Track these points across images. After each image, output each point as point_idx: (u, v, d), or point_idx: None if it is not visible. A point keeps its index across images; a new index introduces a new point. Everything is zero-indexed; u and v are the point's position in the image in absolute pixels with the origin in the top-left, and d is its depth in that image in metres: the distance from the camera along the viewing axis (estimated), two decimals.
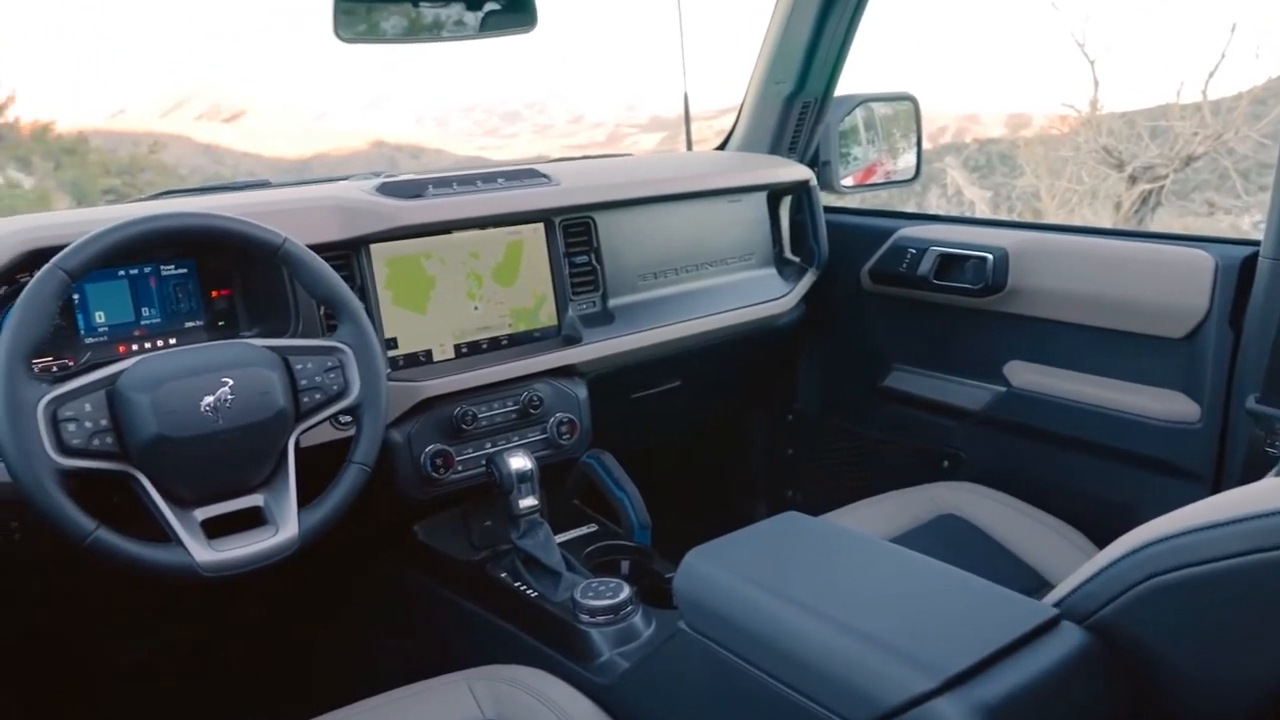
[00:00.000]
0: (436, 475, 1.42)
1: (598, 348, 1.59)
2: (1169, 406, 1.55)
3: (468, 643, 1.45)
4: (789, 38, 1.87)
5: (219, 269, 1.33)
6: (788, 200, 1.96)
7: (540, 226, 1.56)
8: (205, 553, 1.06)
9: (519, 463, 1.41)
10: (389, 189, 1.45)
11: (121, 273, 1.26)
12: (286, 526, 1.12)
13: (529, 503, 1.41)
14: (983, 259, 1.73)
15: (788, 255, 1.96)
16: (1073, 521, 1.58)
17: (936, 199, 7.58)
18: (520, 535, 1.40)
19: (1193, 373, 1.53)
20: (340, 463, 1.18)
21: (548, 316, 1.57)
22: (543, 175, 1.59)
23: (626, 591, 1.29)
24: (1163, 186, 6.74)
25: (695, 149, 2.10)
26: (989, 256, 1.72)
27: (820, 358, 2.10)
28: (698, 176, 1.81)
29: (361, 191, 1.44)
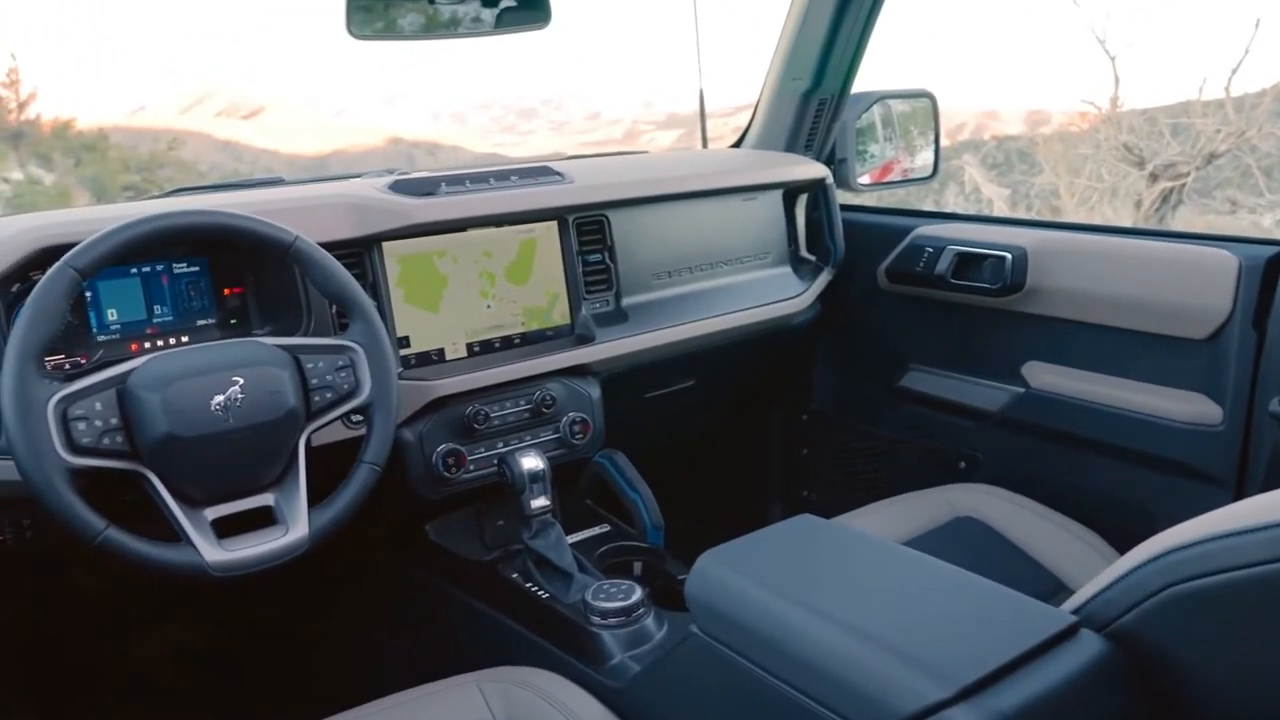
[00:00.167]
0: (448, 475, 1.41)
1: (611, 347, 1.58)
2: (1190, 409, 1.53)
3: (478, 644, 1.44)
4: (805, 34, 1.85)
5: (231, 267, 1.32)
6: (803, 198, 1.95)
7: (554, 225, 1.55)
8: (215, 552, 1.06)
9: (531, 463, 1.41)
10: (402, 187, 1.45)
11: (134, 270, 1.26)
12: (297, 526, 1.11)
13: (541, 503, 1.40)
14: (1001, 258, 1.71)
15: (803, 254, 1.94)
16: (1091, 525, 1.56)
17: (954, 197, 7.54)
18: (532, 536, 1.39)
19: (1215, 374, 1.50)
20: (351, 462, 1.18)
21: (561, 315, 1.56)
22: (556, 173, 1.58)
23: (638, 594, 1.28)
24: (1184, 184, 6.68)
25: (711, 146, 2.09)
26: (1008, 256, 1.70)
27: (836, 357, 2.08)
28: (712, 174, 1.79)
29: (374, 189, 1.44)
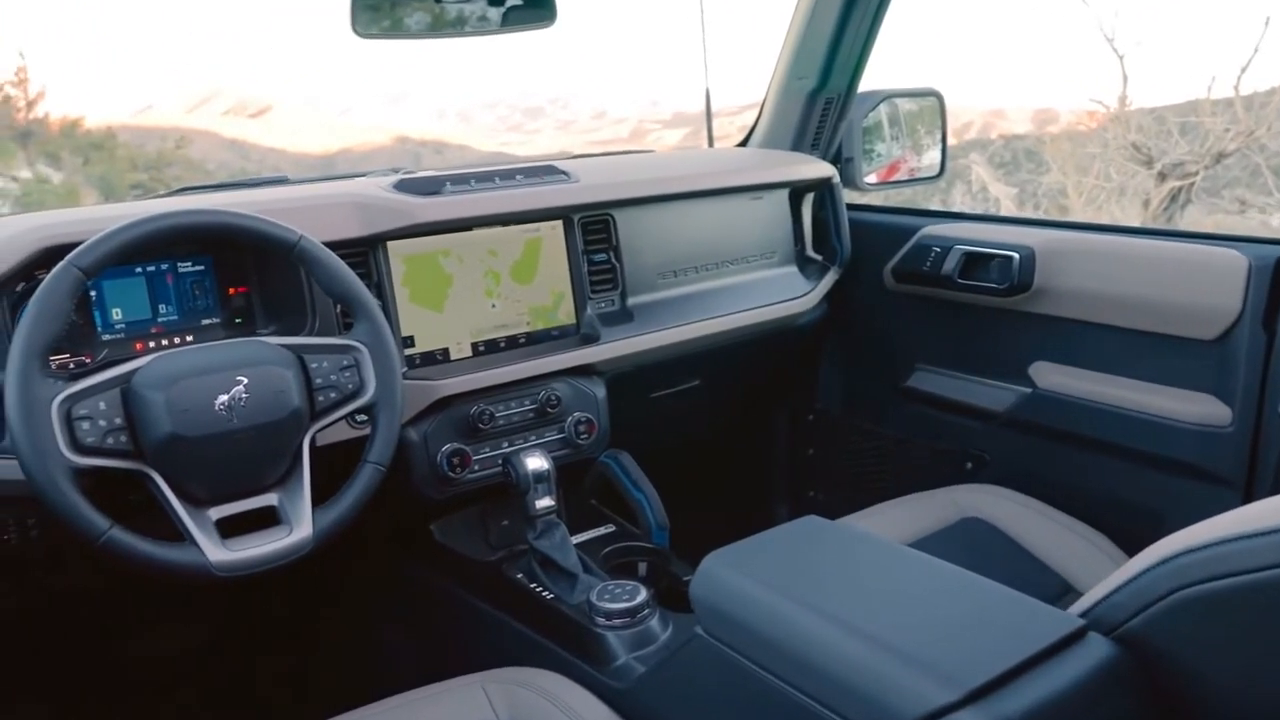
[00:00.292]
0: (453, 475, 1.41)
1: (616, 346, 1.58)
2: (1199, 410, 1.52)
3: (482, 644, 1.44)
4: (812, 33, 1.84)
5: (236, 266, 1.32)
6: (810, 197, 1.94)
7: (559, 224, 1.55)
8: (219, 552, 1.06)
9: (536, 463, 1.40)
10: (406, 186, 1.44)
11: (139, 270, 1.26)
12: (301, 526, 1.11)
13: (545, 503, 1.39)
14: (1009, 258, 1.70)
15: (809, 253, 1.93)
16: (1099, 526, 1.55)
17: (961, 196, 7.52)
18: (537, 536, 1.39)
19: (1224, 375, 1.49)
20: (356, 462, 1.18)
21: (566, 315, 1.56)
22: (561, 172, 1.58)
23: (643, 594, 1.28)
24: (1193, 183, 6.65)
25: (717, 145, 2.08)
26: (1015, 255, 1.69)
27: (842, 357, 2.07)
28: (718, 173, 1.79)
29: (379, 188, 1.44)
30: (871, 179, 2.02)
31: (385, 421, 1.18)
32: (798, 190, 1.90)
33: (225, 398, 1.07)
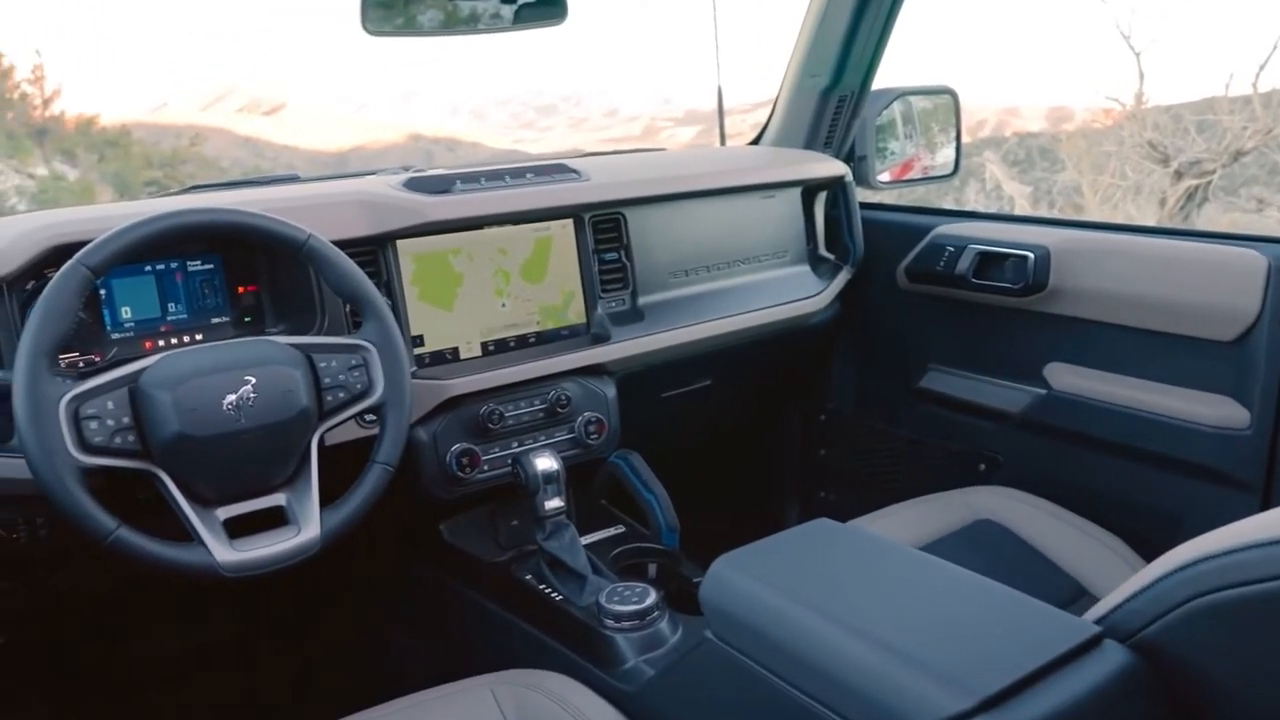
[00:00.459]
0: (462, 475, 1.40)
1: (627, 346, 1.57)
2: (1217, 412, 1.50)
3: (490, 645, 1.43)
4: (825, 30, 1.83)
5: (246, 265, 1.32)
6: (823, 196, 1.93)
7: (569, 223, 1.54)
8: (227, 552, 1.05)
9: (545, 463, 1.40)
10: (416, 184, 1.44)
11: (148, 268, 1.26)
12: (309, 527, 1.11)
13: (555, 504, 1.39)
14: (1023, 258, 1.68)
15: (822, 252, 1.92)
16: (1114, 529, 1.53)
17: (975, 194, 7.48)
18: (546, 537, 1.38)
19: (1242, 377, 1.47)
20: (364, 462, 1.17)
21: (576, 314, 1.55)
22: (572, 170, 1.57)
23: (653, 596, 1.27)
24: (1209, 182, 6.60)
25: (729, 143, 2.07)
26: (1030, 255, 1.67)
27: (855, 357, 2.06)
28: (730, 172, 1.78)
29: (389, 187, 1.43)
30: (885, 177, 2.00)
31: (394, 421, 1.18)
32: (810, 189, 1.89)
33: (233, 397, 1.06)
